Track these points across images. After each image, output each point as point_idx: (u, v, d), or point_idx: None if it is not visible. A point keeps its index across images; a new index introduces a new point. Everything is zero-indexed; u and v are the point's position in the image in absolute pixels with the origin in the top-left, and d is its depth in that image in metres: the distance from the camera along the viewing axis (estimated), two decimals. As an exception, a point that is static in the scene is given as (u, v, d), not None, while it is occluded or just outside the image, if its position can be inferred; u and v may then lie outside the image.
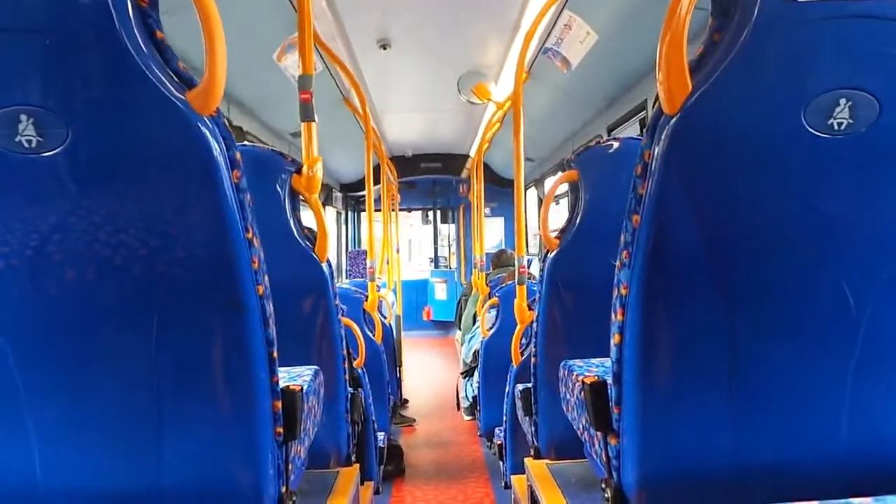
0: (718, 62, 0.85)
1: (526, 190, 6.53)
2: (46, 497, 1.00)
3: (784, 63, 0.84)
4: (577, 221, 1.81)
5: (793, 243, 0.92)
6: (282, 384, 1.10)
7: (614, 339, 1.03)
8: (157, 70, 0.84)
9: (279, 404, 1.05)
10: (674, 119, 0.87)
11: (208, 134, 0.88)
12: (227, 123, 0.93)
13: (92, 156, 0.86)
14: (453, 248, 9.39)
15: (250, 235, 0.95)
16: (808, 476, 1.01)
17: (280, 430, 1.06)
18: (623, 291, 1.00)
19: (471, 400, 4.21)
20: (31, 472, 0.99)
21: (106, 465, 1.00)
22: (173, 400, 0.98)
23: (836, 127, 0.84)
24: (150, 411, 0.98)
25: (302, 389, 1.14)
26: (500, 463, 2.85)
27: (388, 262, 5.55)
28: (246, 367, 0.99)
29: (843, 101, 0.83)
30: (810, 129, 0.84)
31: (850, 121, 0.84)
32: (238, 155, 0.93)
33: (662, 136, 0.89)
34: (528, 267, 3.19)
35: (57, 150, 0.84)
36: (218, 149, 0.89)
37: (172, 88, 0.85)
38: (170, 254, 0.92)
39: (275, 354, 1.03)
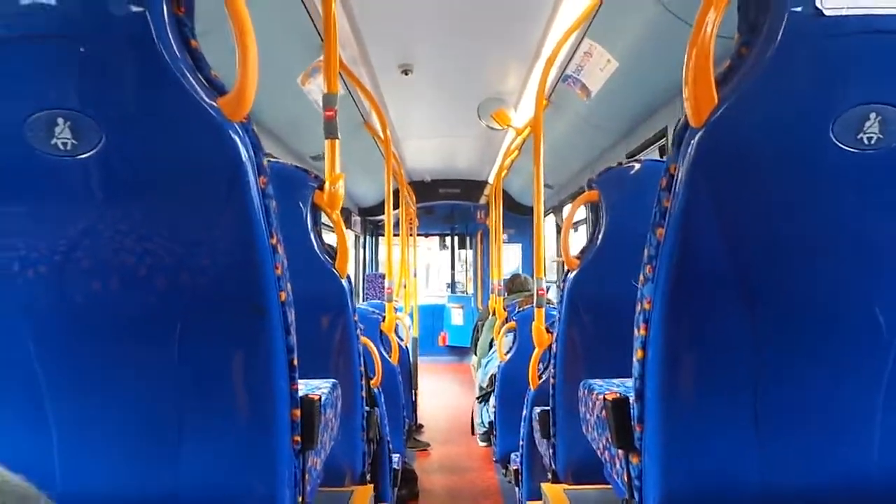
0: (745, 76, 0.85)
1: (545, 216, 6.53)
2: (65, 500, 1.01)
3: (812, 77, 0.84)
4: (598, 242, 1.81)
5: (821, 260, 0.90)
6: (300, 394, 1.10)
7: (637, 355, 1.02)
8: (190, 77, 0.86)
9: (298, 412, 1.05)
10: (700, 132, 0.87)
11: (238, 139, 0.89)
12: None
13: (124, 158, 0.88)
14: (470, 274, 9.37)
15: (275, 241, 0.96)
16: (836, 501, 0.98)
17: (298, 438, 1.06)
18: (646, 306, 0.99)
19: (486, 426, 4.16)
20: (50, 475, 0.99)
21: (125, 470, 1.01)
22: (193, 405, 0.98)
23: (865, 142, 0.84)
24: (171, 417, 0.98)
25: (320, 399, 1.14)
26: (516, 489, 2.80)
27: (405, 286, 5.55)
28: (266, 373, 0.99)
29: (872, 115, 0.83)
30: (839, 144, 0.84)
31: (880, 136, 0.83)
32: (265, 161, 0.95)
33: (688, 149, 0.89)
34: (547, 292, 3.18)
35: (91, 153, 0.86)
36: (246, 154, 0.90)
37: (205, 95, 0.87)
38: (195, 259, 0.93)
39: (295, 362, 1.03)
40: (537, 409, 2.09)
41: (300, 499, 1.09)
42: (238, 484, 1.02)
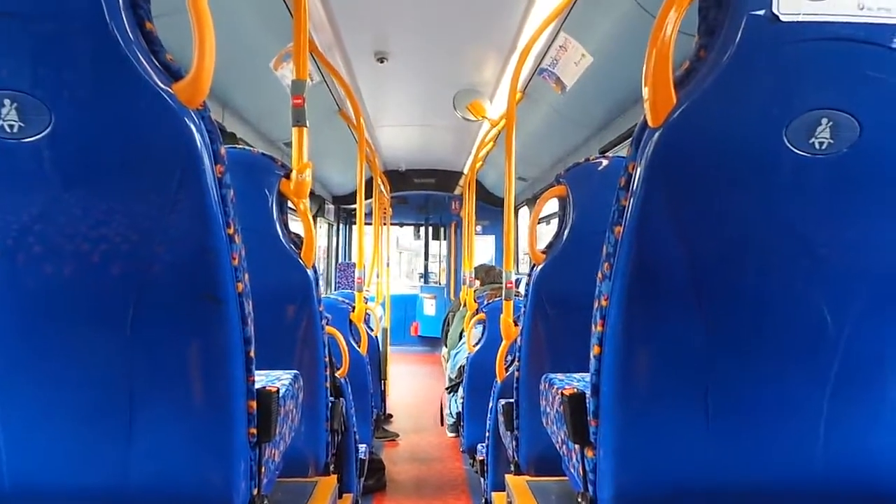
0: (703, 78, 0.86)
1: (518, 209, 6.56)
2: (12, 493, 0.99)
3: (767, 81, 0.85)
4: (565, 236, 1.82)
5: (771, 260, 0.92)
6: (259, 386, 1.09)
7: (594, 351, 1.03)
8: (144, 60, 0.84)
9: (254, 404, 1.04)
10: (657, 132, 0.88)
11: (193, 127, 0.88)
12: (221, 129, 0.94)
13: (74, 143, 0.86)
14: (443, 265, 9.38)
15: (231, 231, 0.95)
16: (785, 495, 1.00)
17: (254, 430, 1.05)
18: (604, 303, 1.00)
19: (455, 416, 4.18)
20: None
21: (74, 461, 0.99)
22: (145, 396, 0.97)
23: (817, 146, 0.85)
24: (122, 407, 0.96)
25: (278, 391, 1.13)
26: (482, 479, 2.82)
27: (377, 276, 5.53)
28: (221, 364, 0.98)
29: (824, 120, 0.84)
30: (791, 148, 0.85)
31: (831, 141, 0.85)
32: (223, 150, 0.93)
33: (646, 149, 0.89)
34: (517, 285, 3.19)
35: (39, 137, 0.84)
36: (202, 142, 0.89)
37: (158, 79, 0.85)
38: (149, 247, 0.91)
39: (252, 353, 1.02)
40: (502, 401, 2.11)
41: (256, 491, 1.08)
42: (192, 476, 1.01)
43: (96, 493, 1.00)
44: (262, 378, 1.23)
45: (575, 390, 1.14)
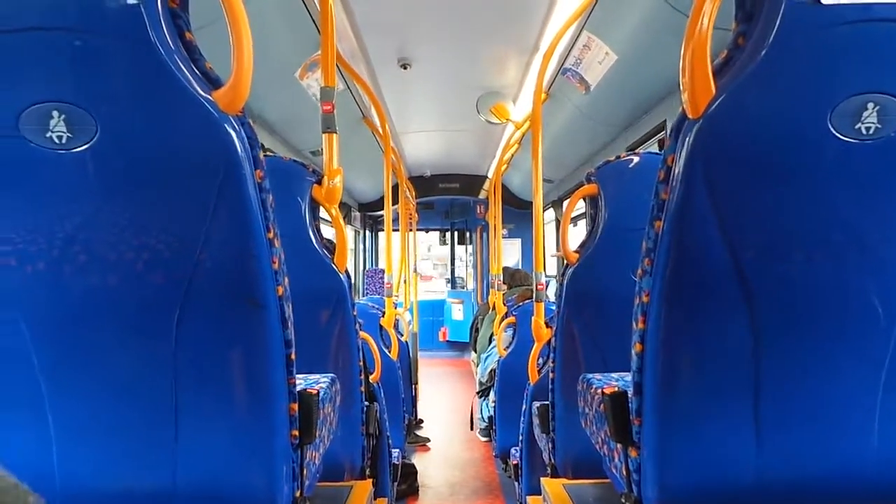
0: (742, 66, 0.84)
1: (544, 211, 6.53)
2: (63, 495, 1.00)
3: (809, 67, 0.83)
4: (598, 235, 1.81)
5: (819, 251, 0.90)
6: (299, 388, 1.09)
7: (635, 349, 1.02)
8: (184, 69, 0.86)
9: (295, 407, 1.05)
10: (697, 123, 0.87)
11: (234, 133, 0.89)
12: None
13: (119, 151, 0.88)
14: (470, 269, 9.37)
15: (271, 235, 0.96)
16: (836, 493, 0.98)
17: (296, 433, 1.06)
18: (645, 299, 0.99)
19: (486, 421, 4.17)
20: (49, 470, 0.99)
21: (122, 466, 1.00)
22: (191, 400, 0.98)
23: (864, 132, 0.83)
24: (168, 412, 0.98)
25: (318, 394, 1.13)
26: (516, 484, 2.81)
27: (405, 282, 5.55)
28: (263, 367, 0.99)
29: (870, 105, 0.82)
30: (837, 134, 0.83)
31: (879, 125, 0.82)
32: (262, 155, 0.95)
33: (686, 141, 0.88)
34: (546, 287, 3.18)
35: (86, 146, 0.86)
36: (242, 148, 0.90)
37: (199, 87, 0.87)
38: (192, 253, 0.93)
39: (292, 356, 1.03)
40: (536, 404, 2.09)
41: (298, 493, 1.09)
42: (236, 478, 1.02)
43: (143, 497, 1.01)
44: (300, 382, 1.24)
45: (616, 389, 1.12)
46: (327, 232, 1.84)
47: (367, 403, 1.94)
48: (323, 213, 1.80)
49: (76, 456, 1.00)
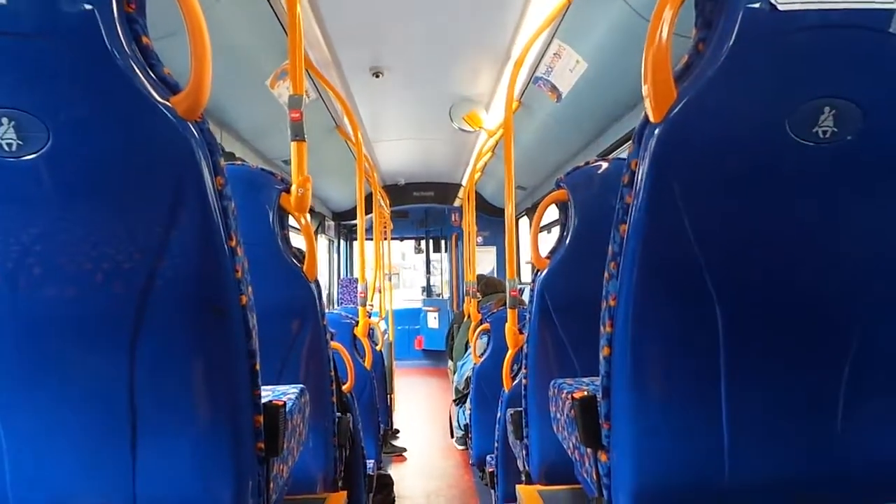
0: (703, 71, 0.85)
1: (518, 219, 6.56)
2: None
3: (767, 72, 0.85)
4: (567, 241, 1.81)
5: (781, 252, 0.91)
6: (265, 400, 1.07)
7: (603, 352, 1.02)
8: (140, 74, 0.84)
9: (261, 419, 1.03)
10: (659, 127, 0.87)
11: (192, 139, 0.87)
12: (220, 147, 0.93)
13: (73, 160, 0.85)
14: (445, 277, 9.36)
15: (234, 244, 0.94)
16: (804, 490, 0.99)
17: (261, 445, 1.04)
18: (612, 303, 0.99)
19: (463, 429, 4.15)
20: (1, 486, 0.96)
21: (80, 480, 0.97)
22: (150, 413, 0.96)
23: (820, 135, 0.84)
24: (126, 425, 0.95)
25: (285, 405, 1.11)
26: (492, 492, 2.79)
27: (379, 291, 5.52)
28: (226, 379, 0.96)
29: (826, 109, 0.83)
30: (795, 138, 0.85)
31: (835, 129, 0.84)
32: (222, 161, 0.93)
33: (648, 145, 0.89)
34: (521, 294, 3.18)
35: (38, 154, 0.83)
36: (202, 154, 0.88)
37: (156, 93, 0.85)
38: (151, 262, 0.90)
39: (257, 367, 1.01)
40: (510, 411, 2.09)
41: None
42: (199, 492, 0.99)
43: None
44: (267, 393, 1.22)
45: (585, 393, 1.12)
46: (300, 241, 1.82)
47: (339, 414, 1.92)
48: (294, 222, 1.78)
49: (30, 471, 0.96)
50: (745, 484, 0.99)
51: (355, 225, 6.64)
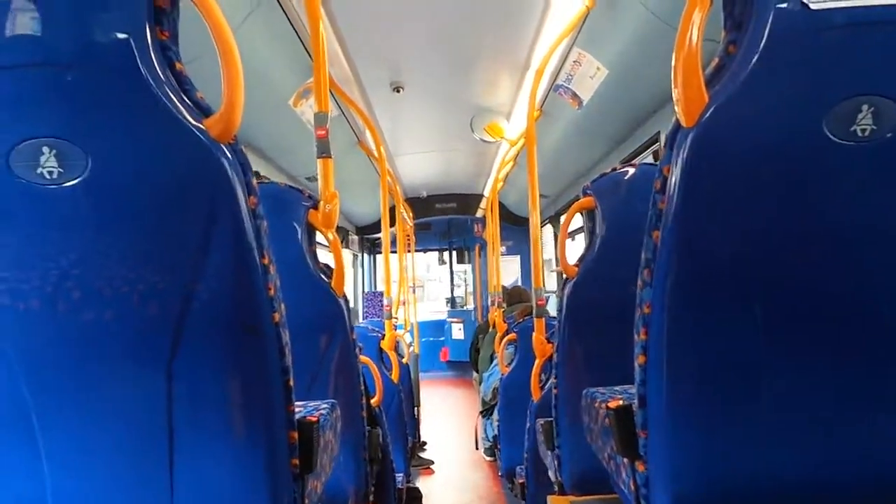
0: (734, 74, 0.84)
1: (542, 226, 6.54)
2: None
3: (801, 72, 0.83)
4: (596, 248, 1.80)
5: (821, 256, 0.89)
6: (298, 416, 1.08)
7: (638, 360, 1.00)
8: (175, 100, 0.86)
9: (295, 435, 1.03)
10: (692, 132, 0.86)
11: (226, 161, 0.88)
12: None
13: (111, 184, 0.87)
14: (469, 288, 9.35)
15: (266, 262, 0.95)
16: (850, 497, 0.96)
17: (296, 461, 1.04)
18: (646, 310, 0.97)
19: (491, 440, 4.13)
20: (41, 502, 0.97)
21: (118, 497, 0.98)
22: (187, 431, 0.96)
23: (859, 134, 0.82)
24: (163, 442, 0.96)
25: (318, 421, 1.11)
26: (522, 503, 2.76)
27: (404, 303, 5.53)
28: (261, 396, 0.97)
29: (864, 107, 0.81)
30: (832, 138, 0.83)
31: (874, 127, 0.82)
32: (255, 181, 0.94)
33: (681, 150, 0.88)
34: (546, 303, 3.16)
35: (77, 181, 0.85)
36: (235, 175, 0.89)
37: (190, 117, 0.86)
38: (186, 283, 0.92)
39: (290, 383, 1.01)
40: (540, 421, 2.07)
41: None
42: None
43: None
44: (299, 409, 1.22)
45: (621, 402, 1.11)
46: (326, 256, 1.83)
47: (369, 428, 1.92)
48: (320, 238, 1.80)
49: (69, 491, 0.98)
50: (788, 491, 0.96)
51: (379, 238, 6.69)
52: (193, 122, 0.87)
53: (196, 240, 0.91)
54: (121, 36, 0.83)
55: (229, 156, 0.89)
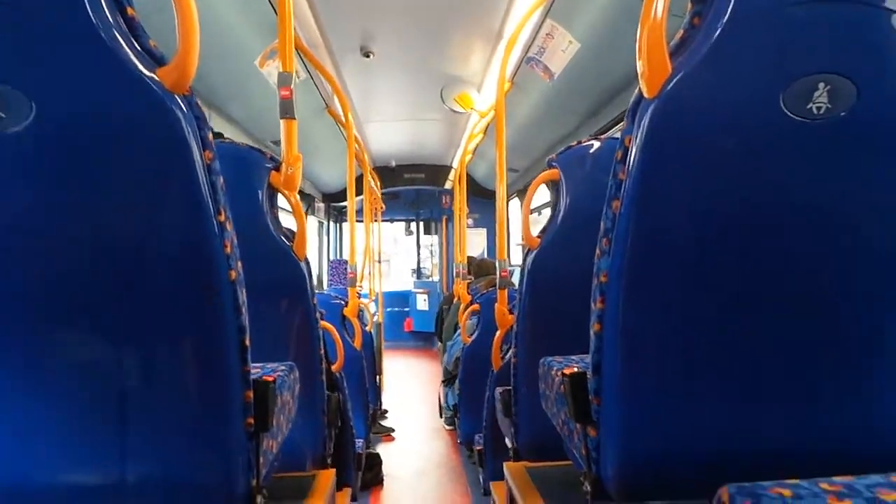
0: (698, 46, 0.85)
1: (509, 200, 6.56)
2: (4, 493, 0.96)
3: (762, 47, 0.84)
4: (559, 220, 1.81)
5: (776, 228, 0.91)
6: (254, 377, 1.07)
7: (594, 328, 1.02)
8: (125, 46, 0.82)
9: (250, 394, 1.03)
10: (654, 103, 0.87)
11: (180, 113, 0.86)
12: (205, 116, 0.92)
13: (58, 133, 0.84)
14: (436, 260, 9.36)
15: (223, 218, 0.93)
16: (792, 461, 0.99)
17: (251, 421, 1.04)
18: (603, 279, 0.99)
19: (451, 409, 4.18)
20: None
21: (69, 459, 0.97)
22: (139, 389, 0.95)
23: (815, 111, 0.84)
24: (115, 402, 0.94)
25: (275, 381, 1.11)
26: (480, 470, 2.82)
27: (369, 273, 5.51)
28: (216, 354, 0.96)
29: (821, 85, 0.83)
30: (790, 114, 0.84)
31: (829, 105, 0.83)
32: (210, 136, 0.91)
33: (642, 121, 0.88)
34: (511, 275, 3.19)
35: (21, 127, 0.82)
36: (189, 128, 0.87)
37: (142, 66, 0.83)
38: (140, 237, 0.89)
39: (247, 342, 1.00)
40: (499, 389, 2.10)
41: (255, 482, 1.07)
42: (189, 468, 0.99)
43: (93, 491, 0.98)
44: (257, 370, 1.21)
45: (576, 370, 1.13)
46: (290, 222, 1.80)
47: (328, 393, 1.92)
48: (283, 202, 1.77)
49: (18, 450, 0.96)
50: (733, 455, 0.99)
51: (345, 206, 6.64)
52: (145, 72, 0.83)
53: (149, 194, 0.88)
54: None
55: (183, 107, 0.86)
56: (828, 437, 0.97)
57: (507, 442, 2.08)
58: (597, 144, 1.83)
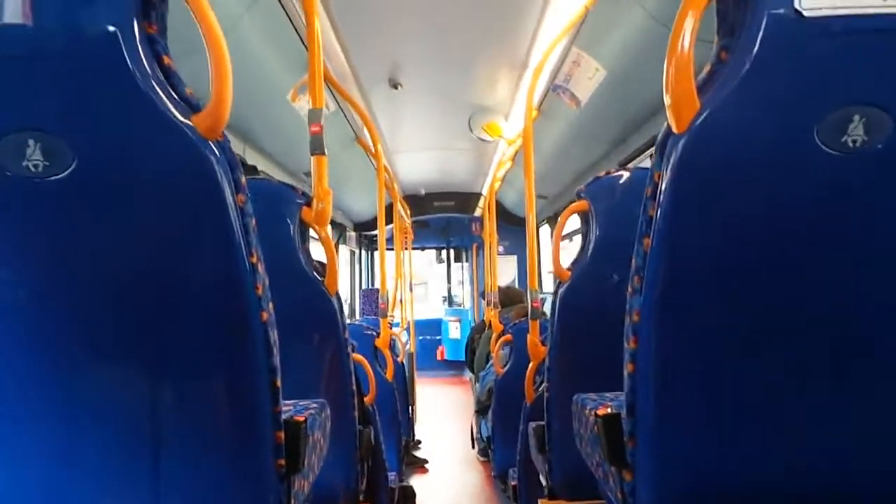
0: (726, 81, 0.83)
1: (539, 227, 6.53)
2: None
3: (794, 80, 0.82)
4: (589, 252, 1.79)
5: (811, 264, 0.88)
6: (286, 416, 1.07)
7: (627, 369, 0.99)
8: (162, 95, 0.84)
9: (281, 435, 1.02)
10: (682, 138, 0.85)
11: (213, 158, 0.87)
12: (242, 162, 0.93)
13: (97, 180, 0.86)
14: (467, 287, 9.34)
15: (255, 260, 0.94)
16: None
17: (282, 462, 1.03)
18: (635, 318, 0.97)
19: (485, 440, 4.12)
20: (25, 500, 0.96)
21: (102, 492, 0.97)
22: (173, 431, 0.96)
23: (850, 145, 0.81)
24: (148, 443, 0.95)
25: (306, 421, 1.11)
26: None
27: (401, 301, 5.52)
28: (248, 396, 0.96)
29: (856, 117, 0.80)
30: (824, 147, 0.82)
31: (865, 137, 0.81)
32: (243, 179, 0.93)
33: (672, 156, 0.87)
34: (542, 305, 3.16)
35: (63, 175, 0.84)
36: (223, 172, 0.88)
37: (178, 113, 0.85)
38: (174, 281, 0.91)
39: (278, 383, 1.00)
40: (532, 424, 2.06)
41: None
42: None
43: None
44: (288, 408, 1.21)
45: (609, 410, 1.10)
46: (319, 251, 1.82)
47: (361, 427, 1.91)
48: (315, 235, 1.79)
49: (54, 488, 0.97)
50: (770, 498, 0.95)
51: (376, 235, 6.69)
52: (181, 119, 0.86)
53: (184, 239, 0.90)
54: (108, 29, 0.82)
55: (217, 153, 0.88)
56: (873, 477, 0.93)
57: (542, 479, 2.03)
58: (626, 175, 1.81)
